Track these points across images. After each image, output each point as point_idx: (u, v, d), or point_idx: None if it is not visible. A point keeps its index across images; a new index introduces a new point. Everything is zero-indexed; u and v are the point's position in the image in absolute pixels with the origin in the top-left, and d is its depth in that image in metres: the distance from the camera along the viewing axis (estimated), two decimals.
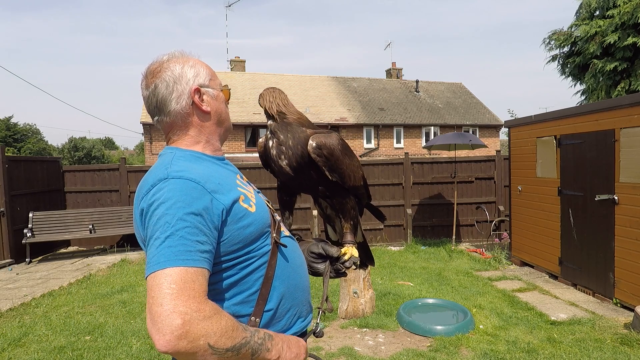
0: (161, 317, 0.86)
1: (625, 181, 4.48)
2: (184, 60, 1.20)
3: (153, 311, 0.87)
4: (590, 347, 3.60)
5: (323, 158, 1.36)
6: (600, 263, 4.87)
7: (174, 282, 0.89)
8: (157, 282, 0.90)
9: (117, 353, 3.67)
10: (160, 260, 0.92)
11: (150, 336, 0.88)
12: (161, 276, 0.90)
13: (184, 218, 0.95)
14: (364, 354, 3.62)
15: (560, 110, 5.62)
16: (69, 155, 41.54)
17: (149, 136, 18.84)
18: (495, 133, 22.87)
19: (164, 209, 0.96)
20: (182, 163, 1.09)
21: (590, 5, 10.26)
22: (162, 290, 0.88)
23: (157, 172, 1.06)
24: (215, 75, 1.25)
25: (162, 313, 0.86)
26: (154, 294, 0.89)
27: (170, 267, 0.90)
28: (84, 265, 7.25)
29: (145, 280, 0.93)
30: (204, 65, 1.22)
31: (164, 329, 0.85)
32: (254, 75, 23.10)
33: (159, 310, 0.86)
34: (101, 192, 8.76)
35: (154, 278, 0.91)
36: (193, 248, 0.94)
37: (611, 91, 9.97)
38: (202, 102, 1.19)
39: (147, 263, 0.95)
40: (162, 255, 0.92)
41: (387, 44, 35.02)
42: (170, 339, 0.85)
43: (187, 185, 1.00)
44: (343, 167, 1.41)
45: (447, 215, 8.54)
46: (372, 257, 1.76)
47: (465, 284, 5.62)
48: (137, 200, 1.06)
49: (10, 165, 7.39)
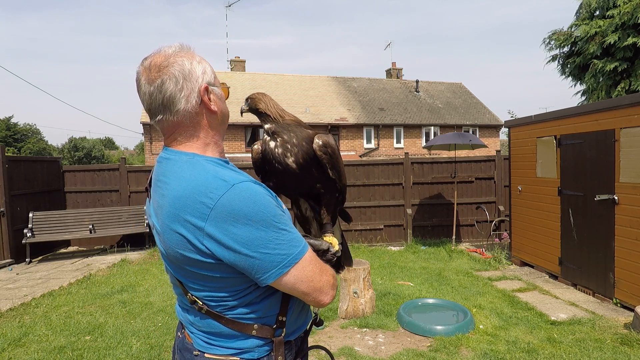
0: (324, 285, 1.12)
1: (625, 181, 4.48)
2: (190, 56, 1.12)
3: (317, 287, 1.11)
4: (590, 347, 3.60)
5: (328, 156, 1.43)
6: (600, 263, 4.87)
7: (314, 261, 1.11)
8: (307, 267, 1.09)
9: (117, 353, 3.67)
10: (298, 249, 1.07)
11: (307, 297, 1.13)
12: (307, 262, 1.09)
13: (278, 212, 1.05)
14: (364, 354, 3.62)
15: (560, 110, 5.62)
16: (69, 155, 41.55)
17: (149, 136, 18.85)
18: (495, 133, 22.88)
19: (260, 213, 1.02)
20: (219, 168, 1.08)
21: (590, 5, 10.26)
22: (316, 273, 1.10)
23: (207, 180, 1.01)
24: (214, 73, 1.22)
25: (323, 284, 1.12)
26: (310, 277, 1.09)
27: (307, 251, 1.10)
28: (84, 265, 7.25)
29: (283, 275, 1.05)
30: (207, 62, 1.17)
31: (328, 290, 1.13)
32: (254, 75, 23.10)
33: (320, 284, 1.11)
34: (101, 192, 8.76)
35: (300, 267, 1.07)
36: (297, 231, 1.11)
37: (611, 91, 9.97)
38: (211, 102, 1.14)
39: (279, 262, 1.04)
40: (296, 247, 1.07)
41: (387, 44, 35.05)
42: (333, 293, 1.16)
43: (253, 187, 1.05)
44: (340, 166, 1.49)
45: (447, 215, 8.54)
46: (350, 258, 1.82)
47: (465, 284, 5.62)
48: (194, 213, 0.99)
49: (10, 165, 7.39)
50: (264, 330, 1.12)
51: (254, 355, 1.11)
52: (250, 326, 1.10)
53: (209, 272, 1.04)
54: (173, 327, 4.20)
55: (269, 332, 1.13)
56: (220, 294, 1.08)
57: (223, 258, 1.00)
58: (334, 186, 1.53)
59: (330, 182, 1.51)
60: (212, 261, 1.02)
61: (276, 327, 1.14)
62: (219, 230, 0.97)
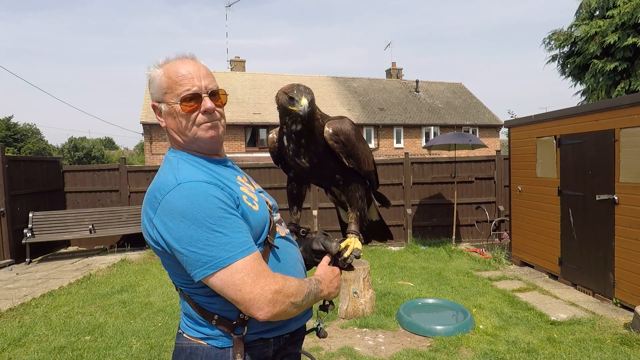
0: (256, 299, 1.04)
1: (625, 181, 4.48)
2: (156, 68, 1.23)
3: (246, 299, 1.04)
4: (590, 347, 3.60)
5: (340, 144, 1.34)
6: (600, 263, 4.87)
7: (250, 271, 1.05)
8: (235, 275, 1.04)
9: (117, 353, 3.67)
10: (229, 255, 1.05)
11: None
12: (236, 269, 1.05)
13: (219, 214, 1.05)
14: (364, 354, 3.62)
15: (560, 110, 5.62)
16: (69, 155, 41.53)
17: (149, 136, 18.83)
18: (495, 133, 22.87)
19: (194, 212, 1.04)
20: (187, 167, 1.16)
21: (590, 6, 10.26)
22: (245, 280, 1.04)
23: (166, 177, 1.13)
24: (176, 83, 1.18)
25: (255, 296, 1.04)
26: (238, 286, 1.04)
27: (241, 258, 1.05)
28: (84, 265, 7.25)
29: (209, 277, 1.04)
30: (165, 76, 1.20)
31: (262, 306, 1.05)
32: (254, 75, 23.10)
33: (251, 295, 1.04)
34: (101, 192, 8.76)
35: (228, 273, 1.04)
36: (246, 236, 1.09)
37: (611, 91, 9.96)
38: (159, 118, 1.25)
39: (204, 263, 1.04)
40: (227, 251, 1.05)
41: (387, 44, 35.04)
42: (275, 310, 1.06)
43: (201, 186, 1.08)
44: (359, 153, 1.39)
45: (447, 215, 8.54)
46: (389, 232, 1.79)
47: (465, 284, 5.62)
48: (149, 205, 1.12)
49: (10, 165, 7.39)
50: (223, 323, 1.15)
51: (218, 343, 1.15)
52: (211, 315, 1.15)
53: (165, 258, 1.14)
54: (173, 327, 4.19)
55: (228, 327, 1.14)
56: (184, 280, 1.16)
57: (164, 248, 1.09)
58: (356, 175, 1.43)
59: (349, 171, 1.41)
60: (160, 249, 1.11)
61: (236, 323, 1.14)
62: (160, 223, 1.07)
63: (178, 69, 1.20)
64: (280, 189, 7.74)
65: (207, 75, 1.23)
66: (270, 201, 1.34)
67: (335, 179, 1.42)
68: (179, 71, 1.19)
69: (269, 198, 1.36)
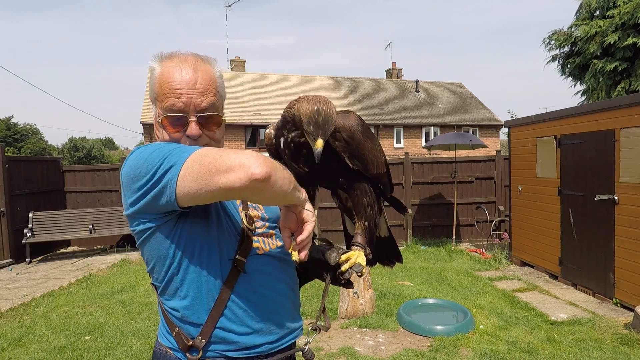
0: (242, 161, 0.86)
1: (625, 181, 4.48)
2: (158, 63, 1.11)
3: (223, 166, 0.85)
4: (590, 347, 3.60)
5: (342, 142, 1.17)
6: (600, 263, 4.87)
7: (213, 151, 0.91)
8: (206, 155, 0.89)
9: (117, 353, 3.67)
10: (177, 157, 0.92)
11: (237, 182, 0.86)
12: (201, 153, 0.91)
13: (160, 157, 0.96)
14: (364, 354, 3.62)
15: (560, 110, 5.62)
16: (69, 155, 41.50)
17: (149, 136, 18.83)
18: (495, 133, 22.88)
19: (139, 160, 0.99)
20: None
21: (590, 6, 10.26)
22: (215, 158, 0.88)
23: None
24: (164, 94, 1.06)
25: (232, 163, 0.86)
26: (215, 161, 0.87)
27: (192, 152, 0.92)
28: (84, 265, 7.25)
29: (178, 182, 0.90)
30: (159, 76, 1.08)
31: (251, 163, 0.85)
32: (254, 75, 23.10)
33: (227, 164, 0.85)
34: (101, 192, 8.76)
35: (197, 158, 0.90)
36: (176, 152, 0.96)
37: (611, 91, 9.97)
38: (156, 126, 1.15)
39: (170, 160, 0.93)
40: (174, 155, 0.93)
41: (387, 44, 35.10)
42: (261, 161, 0.86)
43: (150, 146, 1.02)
44: (365, 152, 1.21)
45: (447, 215, 8.54)
46: (399, 253, 1.53)
47: (465, 284, 5.62)
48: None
49: (10, 165, 7.39)
50: (180, 340, 1.06)
51: (181, 356, 1.08)
52: (174, 327, 1.09)
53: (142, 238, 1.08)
54: None
55: (183, 345, 1.06)
56: (156, 277, 1.11)
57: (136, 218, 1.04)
58: (361, 178, 1.25)
59: (353, 174, 1.24)
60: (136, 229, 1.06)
61: (192, 345, 1.05)
62: (123, 191, 1.04)
63: (173, 74, 1.05)
64: None
65: (205, 91, 1.07)
66: (257, 212, 1.20)
67: (339, 182, 1.26)
68: (172, 78, 1.05)
69: (261, 208, 1.23)
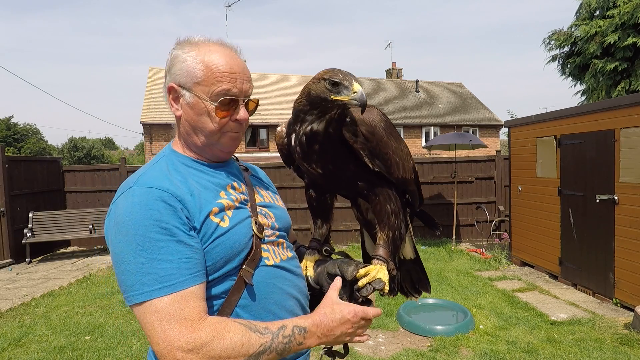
0: (162, 355, 0.84)
1: (625, 181, 4.48)
2: (190, 48, 1.03)
3: (155, 349, 0.86)
4: (590, 347, 3.60)
5: (361, 138, 1.01)
6: (600, 263, 4.87)
7: (164, 316, 0.85)
8: (147, 316, 0.86)
9: (117, 353, 3.67)
10: (144, 290, 0.86)
11: None
12: (148, 310, 0.86)
13: (151, 235, 0.88)
14: (364, 354, 3.62)
15: (560, 110, 5.62)
16: (69, 155, 41.51)
17: (149, 136, 18.84)
18: (495, 133, 22.88)
19: (127, 225, 0.89)
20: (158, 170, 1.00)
21: (590, 5, 10.26)
22: (154, 327, 0.85)
23: (131, 177, 1.00)
24: (215, 79, 1.00)
25: (161, 351, 0.84)
26: (148, 331, 0.86)
27: (156, 297, 0.85)
28: (84, 265, 7.25)
29: (131, 305, 0.88)
30: (201, 62, 1.00)
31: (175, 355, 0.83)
32: (254, 75, 22.95)
33: (158, 348, 0.84)
34: (101, 192, 8.75)
35: (141, 312, 0.86)
36: (177, 268, 0.87)
37: (611, 91, 9.97)
38: (174, 103, 1.05)
39: (123, 291, 0.89)
40: (143, 285, 0.86)
41: (387, 44, 35.07)
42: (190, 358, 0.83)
43: (149, 194, 0.91)
44: (388, 152, 1.05)
45: (447, 215, 8.53)
46: (427, 280, 1.31)
47: (465, 284, 5.62)
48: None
49: (10, 165, 7.39)
50: None
51: None
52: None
53: None
54: None
55: None
56: None
57: None
58: (384, 182, 1.08)
59: (375, 176, 1.07)
60: None
61: None
62: (108, 224, 0.97)
63: (219, 60, 1.01)
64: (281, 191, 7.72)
65: (250, 78, 1.08)
66: (267, 220, 1.09)
67: (358, 187, 1.08)
68: (220, 63, 1.01)
69: (272, 216, 1.12)
